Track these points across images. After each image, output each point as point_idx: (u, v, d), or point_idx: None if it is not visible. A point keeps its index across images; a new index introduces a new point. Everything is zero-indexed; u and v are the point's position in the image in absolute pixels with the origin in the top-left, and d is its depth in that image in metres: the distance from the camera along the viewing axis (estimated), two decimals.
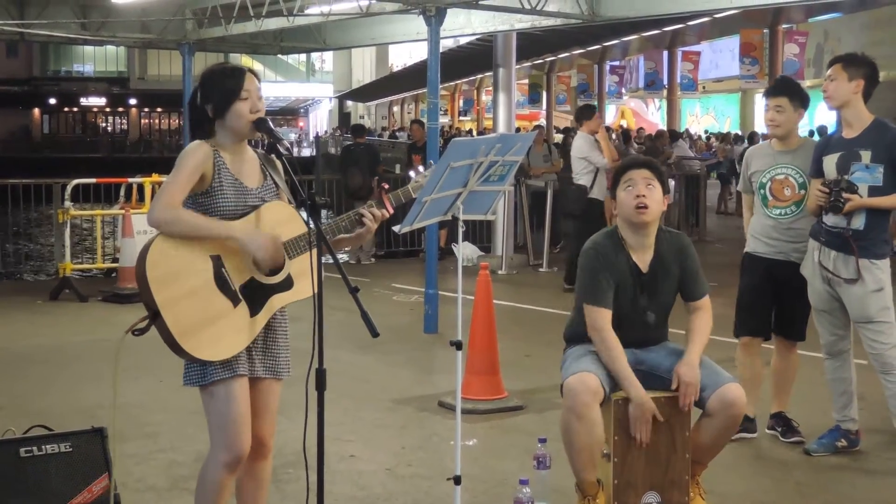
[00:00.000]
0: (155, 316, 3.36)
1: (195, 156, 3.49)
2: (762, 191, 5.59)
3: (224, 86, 3.54)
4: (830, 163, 5.24)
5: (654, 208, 4.32)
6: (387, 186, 3.77)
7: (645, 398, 4.16)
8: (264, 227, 3.53)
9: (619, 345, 4.24)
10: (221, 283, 3.44)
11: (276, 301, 3.55)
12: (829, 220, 5.18)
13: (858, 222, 5.13)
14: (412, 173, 3.99)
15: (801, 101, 5.56)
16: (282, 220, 3.56)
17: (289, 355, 3.70)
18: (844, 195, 5.04)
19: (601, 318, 4.28)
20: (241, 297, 3.48)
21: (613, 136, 20.61)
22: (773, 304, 5.64)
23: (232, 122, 3.54)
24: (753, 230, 5.70)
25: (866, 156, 5.13)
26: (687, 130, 31.25)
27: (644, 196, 4.29)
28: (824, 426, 5.54)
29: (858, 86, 5.17)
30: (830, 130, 5.76)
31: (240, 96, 3.52)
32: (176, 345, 3.37)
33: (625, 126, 34.82)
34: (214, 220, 3.46)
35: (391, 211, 3.73)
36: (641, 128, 29.11)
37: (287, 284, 3.55)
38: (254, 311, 3.50)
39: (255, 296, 3.51)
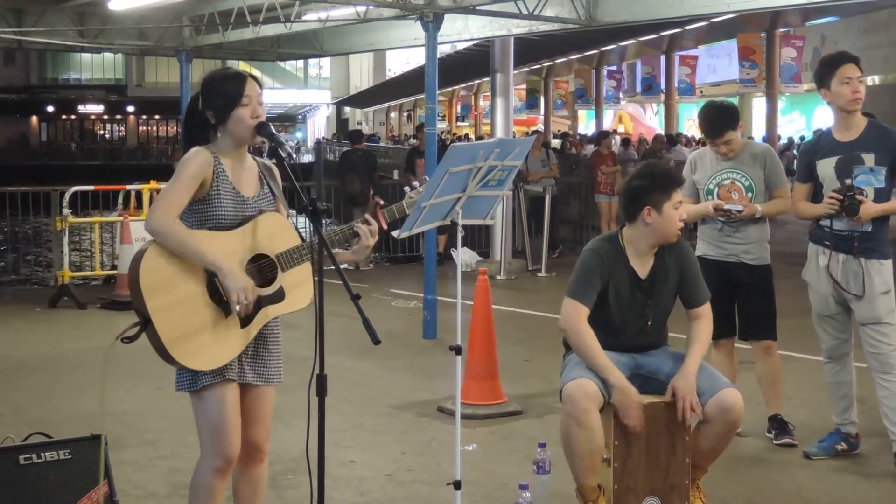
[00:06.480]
0: (146, 323, 3.36)
1: (195, 162, 3.48)
2: (710, 197, 5.62)
3: (225, 91, 3.53)
4: (828, 166, 5.18)
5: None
6: (382, 202, 3.77)
7: (626, 383, 4.19)
8: (260, 238, 3.52)
9: (593, 335, 4.27)
10: (214, 292, 3.43)
11: (269, 312, 3.54)
12: (838, 223, 5.15)
13: (867, 224, 5.10)
14: (407, 188, 4.00)
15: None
16: (277, 231, 3.56)
17: (281, 362, 3.68)
18: (858, 198, 5.02)
19: (578, 313, 4.32)
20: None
21: (614, 140, 20.59)
22: (733, 303, 5.65)
23: (233, 128, 3.54)
24: (703, 234, 5.74)
25: (869, 159, 5.09)
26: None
27: (684, 217, 4.40)
28: (824, 430, 5.54)
29: None
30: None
31: (240, 102, 3.52)
32: (165, 352, 3.37)
33: (621, 132, 34.86)
34: (206, 246, 3.41)
35: (385, 227, 3.73)
36: (641, 135, 29.12)
37: (279, 296, 3.54)
38: (245, 321, 3.49)
39: None
